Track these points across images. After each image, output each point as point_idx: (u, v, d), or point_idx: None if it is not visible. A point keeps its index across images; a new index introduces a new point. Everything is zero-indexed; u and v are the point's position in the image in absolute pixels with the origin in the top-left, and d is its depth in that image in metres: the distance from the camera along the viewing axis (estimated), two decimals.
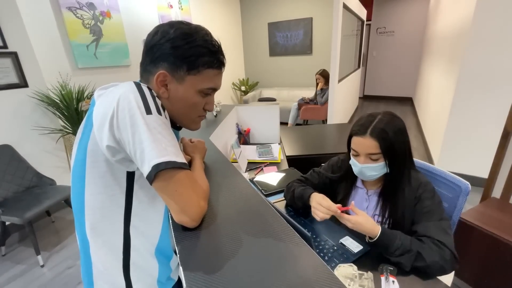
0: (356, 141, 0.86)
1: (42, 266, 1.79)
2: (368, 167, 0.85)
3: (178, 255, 0.47)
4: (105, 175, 0.52)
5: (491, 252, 1.28)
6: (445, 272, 0.73)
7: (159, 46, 0.54)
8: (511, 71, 2.05)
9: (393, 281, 0.69)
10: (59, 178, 2.22)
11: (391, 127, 0.83)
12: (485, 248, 1.30)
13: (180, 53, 0.53)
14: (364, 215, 0.80)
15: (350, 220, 0.79)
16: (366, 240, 0.82)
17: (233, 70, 5.46)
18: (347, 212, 0.85)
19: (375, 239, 0.76)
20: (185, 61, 0.54)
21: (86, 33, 2.61)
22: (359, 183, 1.00)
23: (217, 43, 0.58)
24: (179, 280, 0.70)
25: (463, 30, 2.37)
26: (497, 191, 1.62)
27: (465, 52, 2.21)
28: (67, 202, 2.04)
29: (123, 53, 2.99)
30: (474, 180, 2.27)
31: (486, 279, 1.32)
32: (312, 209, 0.89)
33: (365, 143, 0.84)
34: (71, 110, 2.27)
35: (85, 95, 2.41)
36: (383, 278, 0.70)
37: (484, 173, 1.70)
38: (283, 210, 1.08)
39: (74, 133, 2.31)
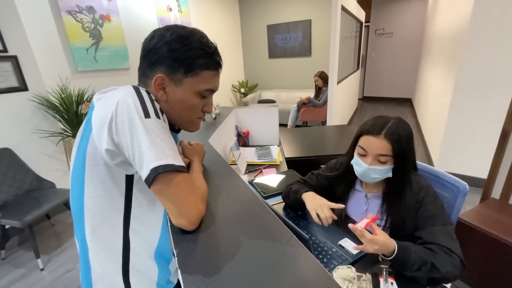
0: (368, 140, 0.84)
1: (42, 269, 1.78)
2: (375, 169, 0.83)
3: (176, 258, 0.47)
4: (104, 179, 0.53)
5: (491, 253, 1.28)
6: (455, 279, 0.72)
7: (156, 50, 0.54)
8: (509, 71, 2.06)
9: (392, 283, 0.69)
10: (59, 181, 2.22)
11: (403, 131, 0.82)
12: (485, 248, 1.30)
13: (177, 56, 0.54)
14: (383, 234, 0.74)
15: (373, 241, 0.71)
16: (380, 258, 0.77)
17: (232, 72, 5.48)
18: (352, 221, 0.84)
19: (393, 255, 0.71)
20: (182, 63, 0.55)
21: (85, 37, 2.62)
22: (357, 186, 0.99)
23: (213, 44, 0.58)
24: (178, 283, 0.70)
25: (461, 31, 2.38)
26: (496, 192, 1.62)
27: (463, 53, 2.22)
28: (67, 205, 2.04)
29: (122, 56, 3.00)
30: (473, 181, 2.29)
31: (486, 280, 1.32)
32: (318, 208, 0.90)
33: (377, 144, 0.81)
34: (71, 113, 2.28)
35: (84, 98, 2.42)
36: (381, 280, 0.70)
37: (484, 174, 1.70)
38: (281, 213, 1.08)
39: (74, 136, 2.31)
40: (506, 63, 2.05)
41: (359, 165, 0.87)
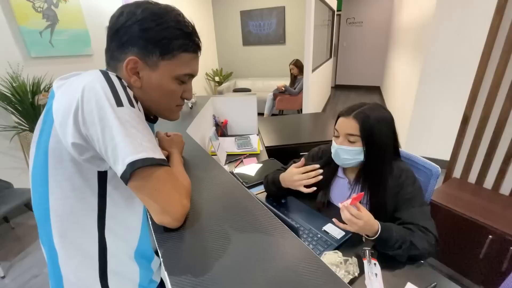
0: (340, 122, 0.89)
1: (3, 277, 1.62)
2: (344, 148, 0.87)
3: (161, 259, 0.44)
4: (73, 177, 0.47)
5: (453, 227, 1.40)
6: (430, 255, 0.77)
7: (126, 29, 0.48)
8: (470, 60, 2.20)
9: (375, 264, 0.72)
10: (16, 181, 2.01)
11: (375, 114, 0.85)
12: (449, 224, 1.42)
13: (151, 36, 0.48)
14: (368, 212, 0.76)
15: (358, 216, 0.73)
16: (363, 239, 0.80)
17: (206, 60, 5.28)
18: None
19: (377, 235, 0.74)
20: (157, 44, 0.49)
21: (38, 18, 2.33)
22: (340, 173, 1.01)
23: (191, 23, 0.53)
24: (162, 282, 0.67)
25: (426, 21, 2.50)
26: (457, 172, 1.76)
27: (428, 42, 2.33)
28: (27, 206, 1.86)
29: (83, 41, 2.73)
30: (437, 162, 2.42)
31: (449, 252, 1.45)
32: (297, 182, 0.91)
33: (346, 123, 0.86)
34: (26, 104, 2.04)
35: (41, 87, 2.17)
36: (365, 261, 0.73)
37: (447, 156, 1.83)
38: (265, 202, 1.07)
39: (31, 130, 2.09)
40: (468, 52, 2.19)
41: (332, 146, 0.92)
